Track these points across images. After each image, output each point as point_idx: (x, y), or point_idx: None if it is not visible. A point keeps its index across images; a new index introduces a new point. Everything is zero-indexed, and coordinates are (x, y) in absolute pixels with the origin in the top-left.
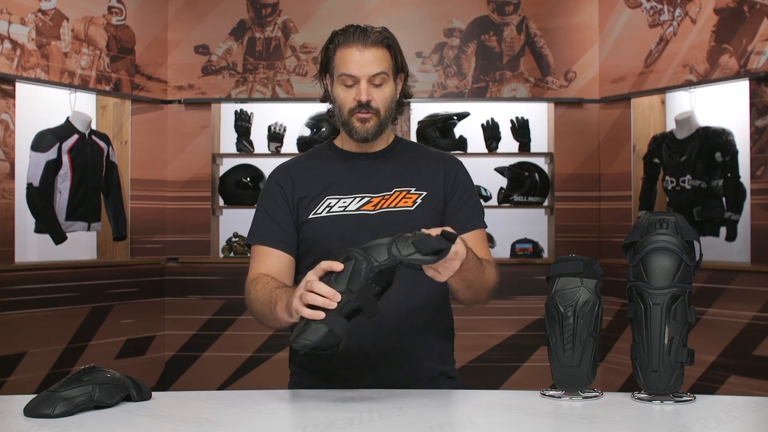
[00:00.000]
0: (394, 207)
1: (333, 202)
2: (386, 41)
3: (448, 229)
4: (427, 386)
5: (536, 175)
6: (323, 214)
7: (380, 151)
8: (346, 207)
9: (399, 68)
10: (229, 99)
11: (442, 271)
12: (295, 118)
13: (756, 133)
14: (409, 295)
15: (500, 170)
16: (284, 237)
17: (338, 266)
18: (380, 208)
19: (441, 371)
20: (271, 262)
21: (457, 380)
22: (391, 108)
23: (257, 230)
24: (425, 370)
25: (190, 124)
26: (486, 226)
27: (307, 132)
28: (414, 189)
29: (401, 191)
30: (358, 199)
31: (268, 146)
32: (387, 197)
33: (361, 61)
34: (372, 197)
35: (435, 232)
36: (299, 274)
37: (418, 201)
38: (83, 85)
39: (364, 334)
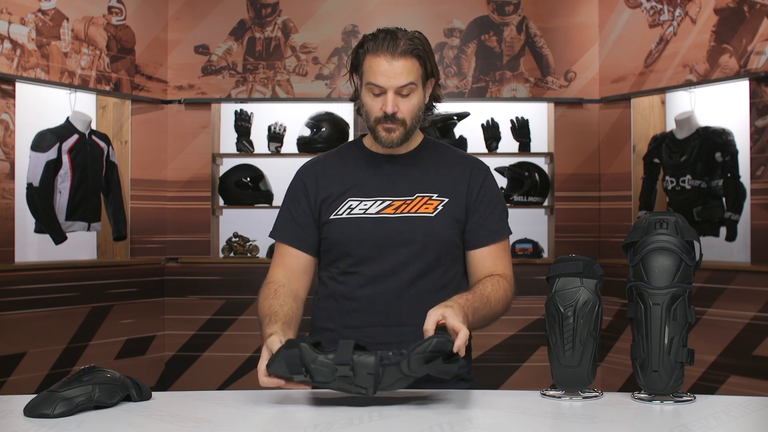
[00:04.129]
0: (415, 212)
1: (354, 203)
2: (416, 51)
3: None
4: (440, 388)
5: (536, 175)
6: (344, 215)
7: (407, 154)
8: (366, 209)
9: (429, 74)
10: (229, 99)
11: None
12: (295, 118)
13: (756, 133)
14: (422, 298)
15: (500, 170)
16: (302, 236)
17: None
18: (401, 213)
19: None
20: (288, 261)
21: (472, 381)
22: (418, 116)
23: (279, 227)
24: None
25: (190, 124)
26: (511, 233)
27: (307, 132)
28: (436, 195)
29: (423, 197)
30: (379, 203)
31: (268, 146)
32: (408, 202)
33: (389, 72)
34: (393, 201)
35: (429, 329)
36: (322, 270)
37: (439, 207)
38: (83, 85)
39: (375, 336)
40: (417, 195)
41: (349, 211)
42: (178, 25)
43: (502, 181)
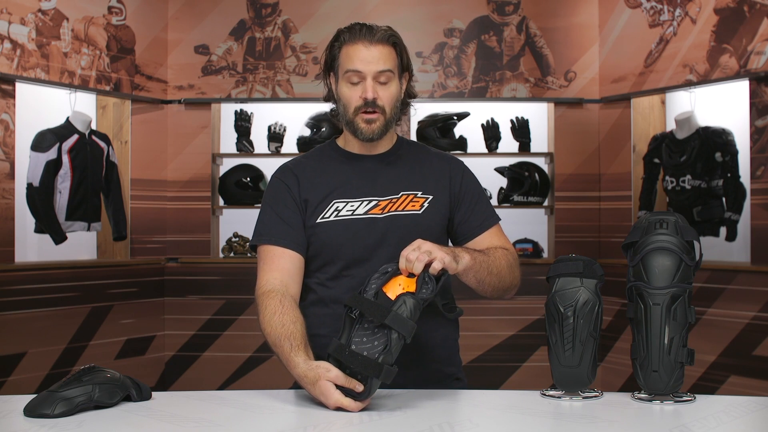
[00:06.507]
0: (402, 210)
1: (341, 205)
2: (392, 39)
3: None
4: (434, 389)
5: (536, 175)
6: (331, 218)
7: (385, 153)
8: (354, 211)
9: (404, 67)
10: (229, 99)
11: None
12: (295, 118)
13: (756, 133)
14: None
15: (500, 170)
16: (295, 237)
17: (359, 387)
18: (388, 212)
19: (448, 373)
20: (283, 264)
21: (463, 381)
22: (397, 107)
23: (265, 230)
24: (432, 373)
25: (190, 124)
26: (500, 219)
27: (307, 132)
28: (421, 193)
29: (408, 195)
30: (365, 203)
31: (268, 146)
32: (394, 201)
33: (368, 57)
34: (379, 200)
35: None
36: (308, 277)
37: (426, 205)
38: (83, 85)
39: None
40: (402, 193)
41: (336, 213)
42: (178, 25)
43: (502, 181)
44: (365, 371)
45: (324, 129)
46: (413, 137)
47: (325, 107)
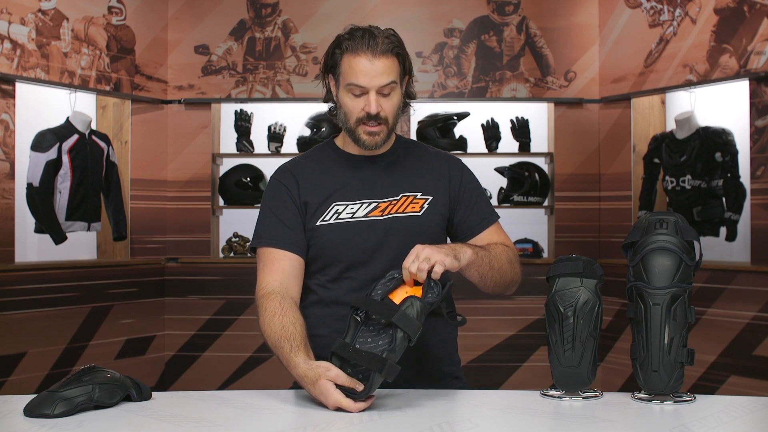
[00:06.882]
0: (402, 212)
1: (340, 208)
2: (396, 50)
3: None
4: (434, 387)
5: (536, 175)
6: (331, 220)
7: (384, 154)
8: (354, 213)
9: (405, 72)
10: (229, 99)
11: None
12: (295, 118)
13: (756, 133)
14: None
15: (500, 170)
16: (295, 239)
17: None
18: (388, 214)
19: (447, 371)
20: (282, 266)
21: (462, 380)
22: (398, 113)
23: (265, 233)
24: (432, 371)
25: (190, 124)
26: (499, 217)
27: (307, 132)
28: (420, 194)
29: (408, 196)
30: (365, 205)
31: (268, 146)
32: (394, 202)
33: (371, 72)
34: (379, 203)
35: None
36: (308, 278)
37: (425, 206)
38: (83, 85)
39: None
40: (402, 195)
41: (336, 216)
42: (178, 25)
43: (502, 181)
44: (369, 365)
45: (324, 129)
46: (413, 137)
47: (325, 107)
